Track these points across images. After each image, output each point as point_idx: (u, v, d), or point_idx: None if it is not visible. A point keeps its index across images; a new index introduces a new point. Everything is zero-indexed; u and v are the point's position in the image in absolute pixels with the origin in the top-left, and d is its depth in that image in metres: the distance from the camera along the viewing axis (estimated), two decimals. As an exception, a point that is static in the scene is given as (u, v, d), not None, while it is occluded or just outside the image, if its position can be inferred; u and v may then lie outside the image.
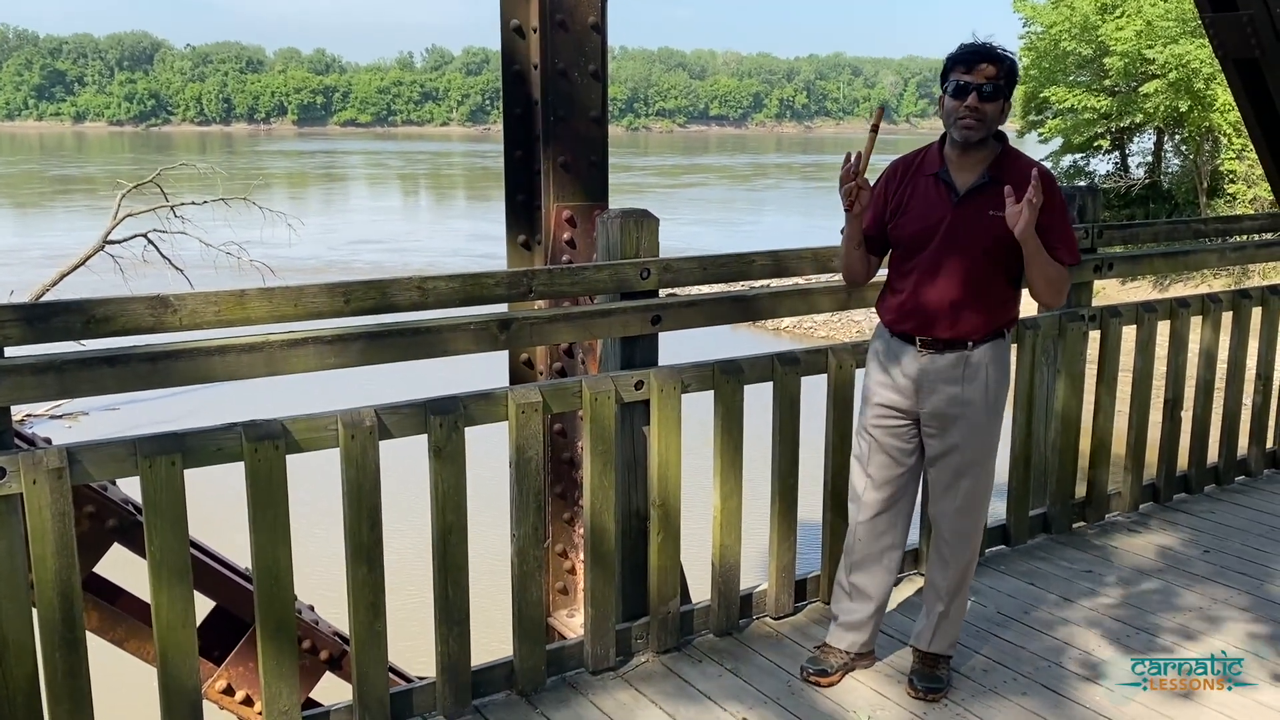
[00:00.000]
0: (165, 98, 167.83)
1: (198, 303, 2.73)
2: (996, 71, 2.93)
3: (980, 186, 3.01)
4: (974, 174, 3.03)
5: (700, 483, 3.70)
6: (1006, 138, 3.10)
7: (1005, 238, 2.96)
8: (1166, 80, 22.60)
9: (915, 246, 3.07)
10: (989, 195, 2.99)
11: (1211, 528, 4.57)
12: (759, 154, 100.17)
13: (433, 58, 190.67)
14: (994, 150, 3.05)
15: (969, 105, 2.93)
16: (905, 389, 3.13)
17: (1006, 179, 2.97)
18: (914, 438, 3.18)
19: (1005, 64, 2.95)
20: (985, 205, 2.99)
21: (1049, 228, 2.99)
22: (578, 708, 3.16)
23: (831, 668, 3.31)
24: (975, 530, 3.23)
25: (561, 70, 3.94)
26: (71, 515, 2.52)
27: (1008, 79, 2.96)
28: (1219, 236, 10.93)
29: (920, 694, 3.21)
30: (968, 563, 3.24)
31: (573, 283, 3.30)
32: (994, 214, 2.97)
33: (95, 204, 40.04)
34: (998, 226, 2.96)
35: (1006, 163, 3.04)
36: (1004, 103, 2.97)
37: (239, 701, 3.79)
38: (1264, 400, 5.13)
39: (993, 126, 2.99)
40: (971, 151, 3.02)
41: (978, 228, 3.00)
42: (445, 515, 2.99)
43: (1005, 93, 2.96)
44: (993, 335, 3.10)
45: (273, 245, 20.10)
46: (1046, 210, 2.95)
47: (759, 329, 20.78)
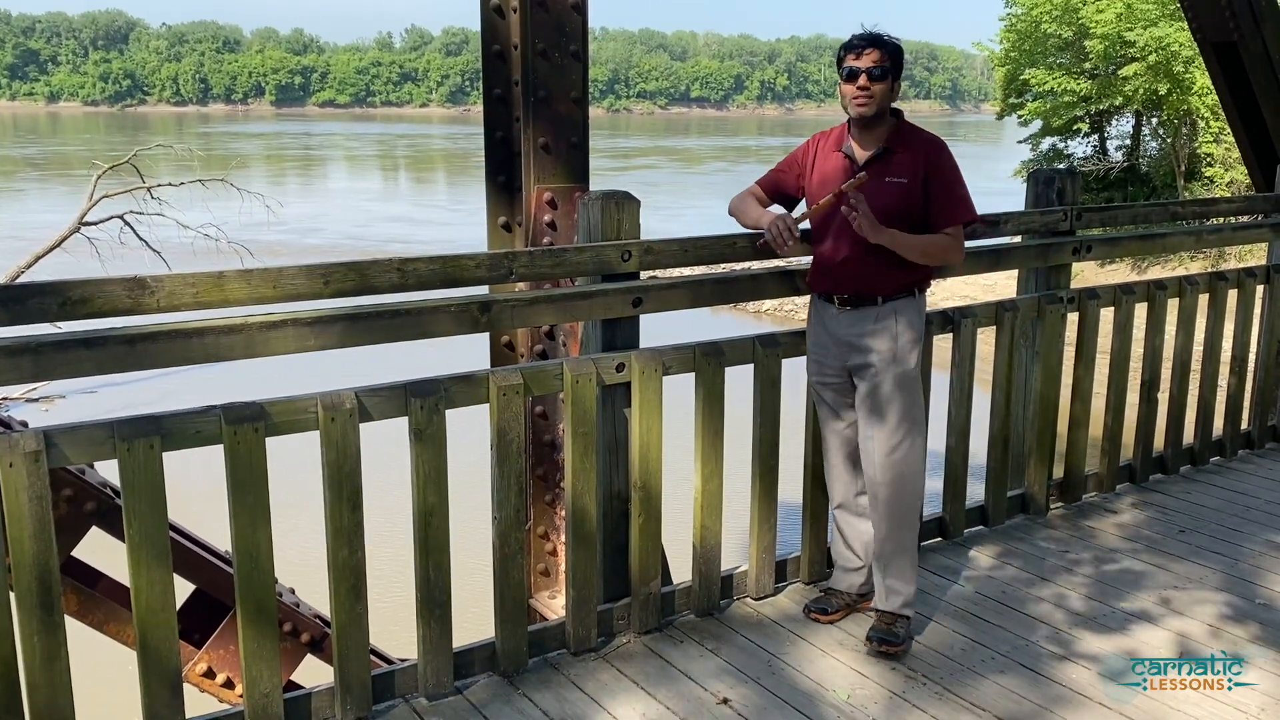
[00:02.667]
0: (141, 78, 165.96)
1: (175, 284, 2.70)
2: (881, 55, 3.24)
3: (877, 156, 3.31)
4: (874, 147, 3.33)
5: (681, 465, 3.71)
6: (902, 114, 3.39)
7: (900, 201, 3.27)
8: (1146, 63, 22.69)
9: (826, 213, 3.36)
10: (885, 163, 3.30)
11: (1187, 508, 4.62)
12: (712, 137, 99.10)
13: (412, 38, 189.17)
14: (890, 125, 3.34)
15: (860, 86, 3.24)
16: (828, 345, 3.44)
17: (901, 148, 3.31)
18: (850, 391, 3.45)
19: (889, 48, 3.26)
20: (882, 172, 3.29)
21: (934, 196, 3.31)
22: (559, 688, 3.17)
23: (832, 607, 3.61)
24: (904, 485, 3.36)
25: (542, 51, 3.92)
26: (49, 498, 2.50)
27: (893, 61, 3.26)
28: (1196, 219, 11.02)
29: (875, 646, 3.35)
30: (900, 517, 3.39)
31: (554, 265, 3.29)
32: (889, 180, 3.28)
33: (70, 186, 39.60)
34: (893, 190, 3.28)
35: (903, 135, 3.34)
36: (892, 82, 3.27)
37: (220, 684, 3.78)
38: (1239, 382, 5.19)
39: (884, 104, 3.28)
40: (870, 128, 3.32)
41: (876, 193, 3.26)
42: (426, 497, 2.99)
43: (892, 74, 3.26)
44: (903, 292, 3.36)
45: (251, 227, 19.95)
46: (936, 180, 3.30)
47: (740, 311, 20.81)
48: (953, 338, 4.03)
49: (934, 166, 3.30)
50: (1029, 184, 4.52)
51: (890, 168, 3.29)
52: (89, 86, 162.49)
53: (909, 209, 3.28)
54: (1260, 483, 4.92)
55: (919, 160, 3.29)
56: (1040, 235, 4.37)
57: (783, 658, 3.36)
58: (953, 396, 4.08)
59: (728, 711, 3.06)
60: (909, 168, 3.28)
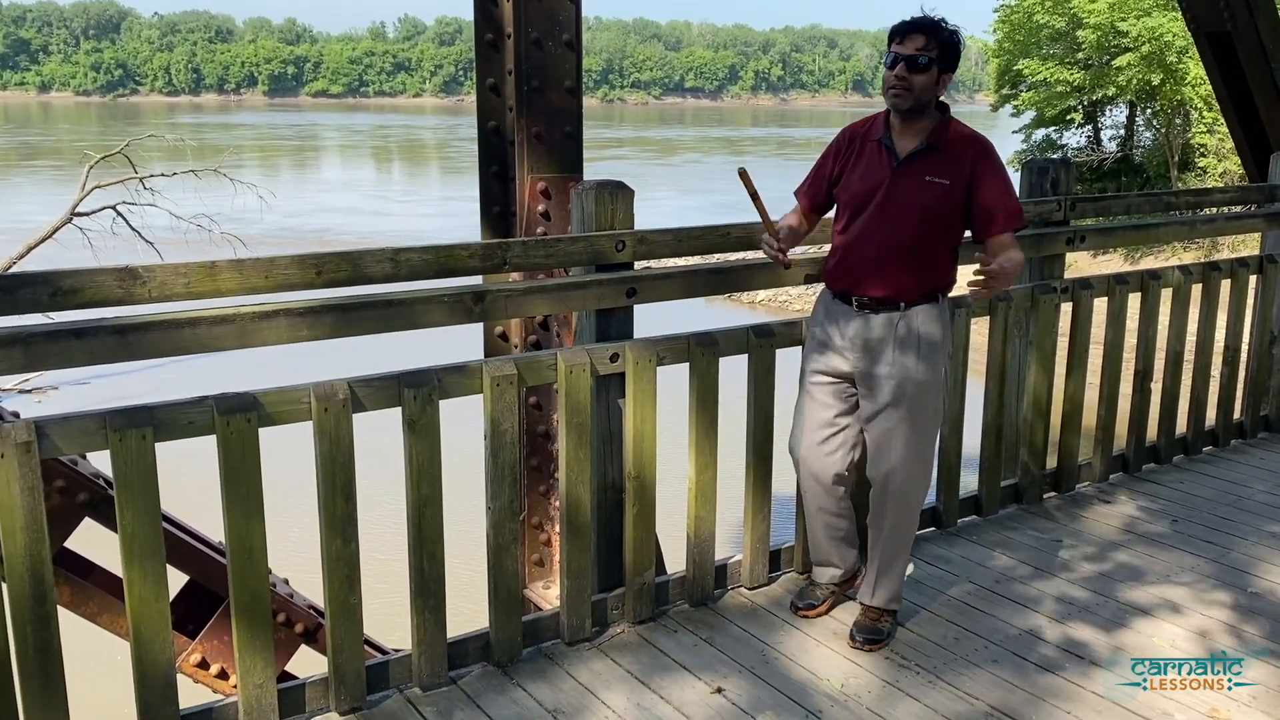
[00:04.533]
0: (133, 67, 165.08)
1: (167, 274, 2.69)
2: (927, 42, 3.02)
3: (919, 152, 3.12)
4: (915, 141, 3.14)
5: (676, 455, 3.71)
6: (948, 108, 3.19)
7: (940, 202, 3.10)
8: (1139, 54, 22.71)
9: (856, 207, 3.20)
10: (927, 160, 3.11)
11: (1180, 498, 4.63)
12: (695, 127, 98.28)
13: (405, 28, 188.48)
14: (935, 120, 3.15)
15: (897, 75, 3.04)
16: (842, 348, 3.26)
17: (945, 147, 3.12)
18: (850, 396, 3.31)
19: (938, 35, 3.02)
20: (923, 170, 3.11)
21: (990, 203, 3.12)
22: (554, 678, 3.18)
23: (818, 599, 3.53)
24: (911, 490, 3.32)
25: (535, 40, 3.90)
26: (41, 489, 2.49)
27: (941, 51, 3.03)
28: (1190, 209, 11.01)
29: (859, 645, 3.33)
30: (904, 520, 3.35)
31: (547, 255, 3.28)
32: (930, 179, 3.10)
33: (62, 176, 39.37)
34: (934, 191, 3.10)
35: (947, 131, 3.15)
36: (936, 73, 3.05)
37: (214, 675, 3.79)
38: (1232, 372, 5.20)
39: (923, 97, 3.07)
40: (912, 120, 3.13)
41: (914, 191, 3.11)
42: (420, 488, 2.98)
43: (939, 64, 3.04)
44: (926, 297, 3.20)
45: (243, 217, 19.87)
46: (986, 185, 3.11)
47: (734, 302, 20.82)
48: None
49: (982, 170, 3.10)
50: (1023, 174, 4.51)
51: (932, 166, 3.10)
52: (81, 76, 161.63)
53: (947, 211, 3.12)
54: (1253, 472, 4.94)
55: (964, 162, 3.11)
56: (1034, 225, 4.37)
57: (776, 647, 3.36)
58: (946, 387, 4.07)
59: (721, 701, 3.06)
60: (952, 169, 3.10)
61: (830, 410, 3.32)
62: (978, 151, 3.14)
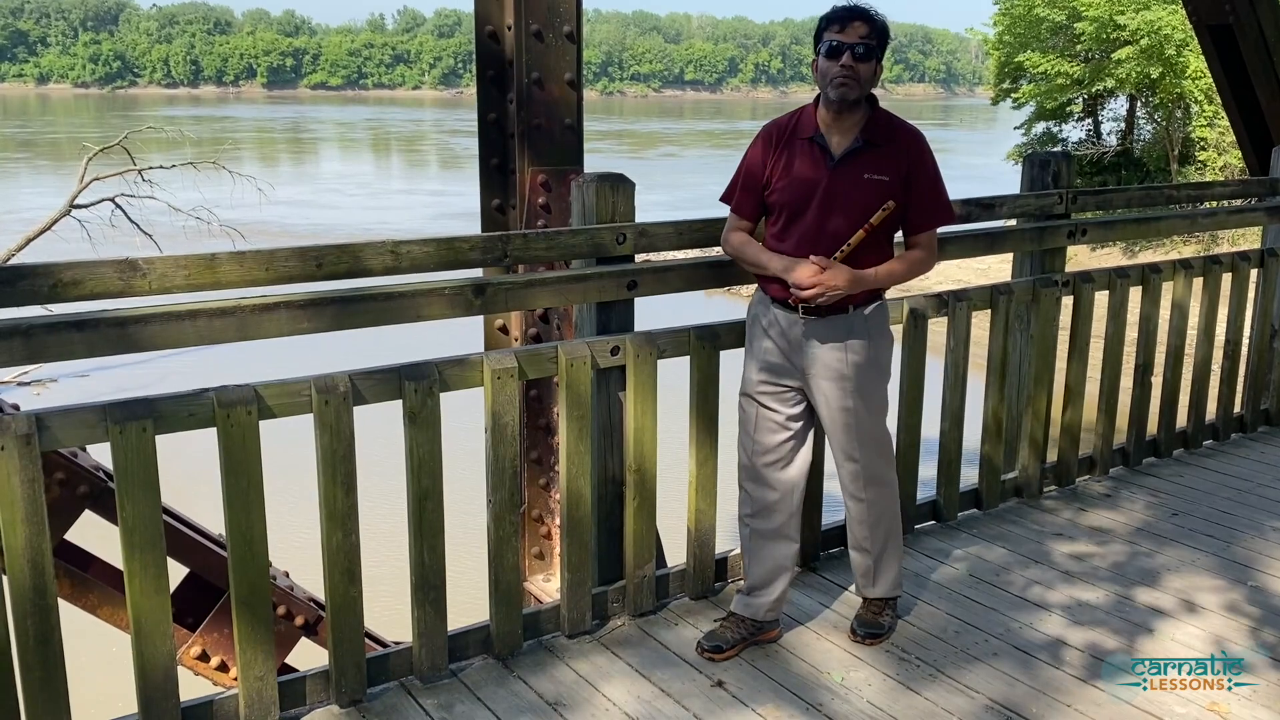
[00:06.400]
0: (131, 59, 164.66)
1: (167, 266, 2.69)
2: (869, 30, 2.94)
3: (855, 150, 3.01)
4: (849, 137, 3.02)
5: (676, 448, 3.70)
6: (877, 100, 3.09)
7: (881, 199, 3.00)
8: (1138, 47, 22.64)
9: (794, 211, 3.06)
10: (865, 157, 3.01)
11: (1180, 491, 4.63)
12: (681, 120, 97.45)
13: (404, 19, 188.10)
14: (866, 113, 3.04)
15: (843, 64, 2.92)
16: (788, 353, 3.14)
17: (881, 142, 3.02)
18: (799, 403, 3.20)
19: (877, 24, 2.96)
20: (861, 168, 3.01)
21: (917, 197, 3.07)
22: (554, 671, 3.18)
23: (727, 642, 3.24)
24: (885, 473, 3.28)
25: (536, 31, 3.89)
26: (41, 482, 2.49)
27: (880, 39, 2.96)
28: (1191, 202, 11.01)
29: (860, 638, 3.31)
30: (888, 505, 3.31)
31: (548, 247, 3.28)
32: (869, 177, 3.00)
33: (61, 168, 39.30)
34: (874, 188, 3.00)
35: (880, 125, 3.05)
36: (876, 64, 2.98)
37: (214, 667, 3.78)
38: (1232, 365, 5.19)
39: (867, 87, 2.98)
40: (846, 114, 3.01)
41: (855, 191, 3.00)
42: (421, 481, 2.98)
43: (878, 53, 2.97)
44: (874, 297, 3.14)
45: (243, 209, 19.83)
46: (919, 179, 3.05)
47: (734, 294, 20.78)
48: (947, 321, 4.02)
49: (917, 165, 3.04)
50: (1024, 167, 4.51)
51: (869, 163, 3.00)
52: (79, 68, 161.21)
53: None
54: (1253, 466, 4.94)
55: (901, 156, 3.02)
56: (1035, 219, 4.37)
57: (777, 640, 3.36)
58: (947, 380, 4.08)
59: (722, 694, 3.06)
60: (890, 163, 3.01)
61: (779, 417, 3.19)
62: (913, 144, 3.06)
